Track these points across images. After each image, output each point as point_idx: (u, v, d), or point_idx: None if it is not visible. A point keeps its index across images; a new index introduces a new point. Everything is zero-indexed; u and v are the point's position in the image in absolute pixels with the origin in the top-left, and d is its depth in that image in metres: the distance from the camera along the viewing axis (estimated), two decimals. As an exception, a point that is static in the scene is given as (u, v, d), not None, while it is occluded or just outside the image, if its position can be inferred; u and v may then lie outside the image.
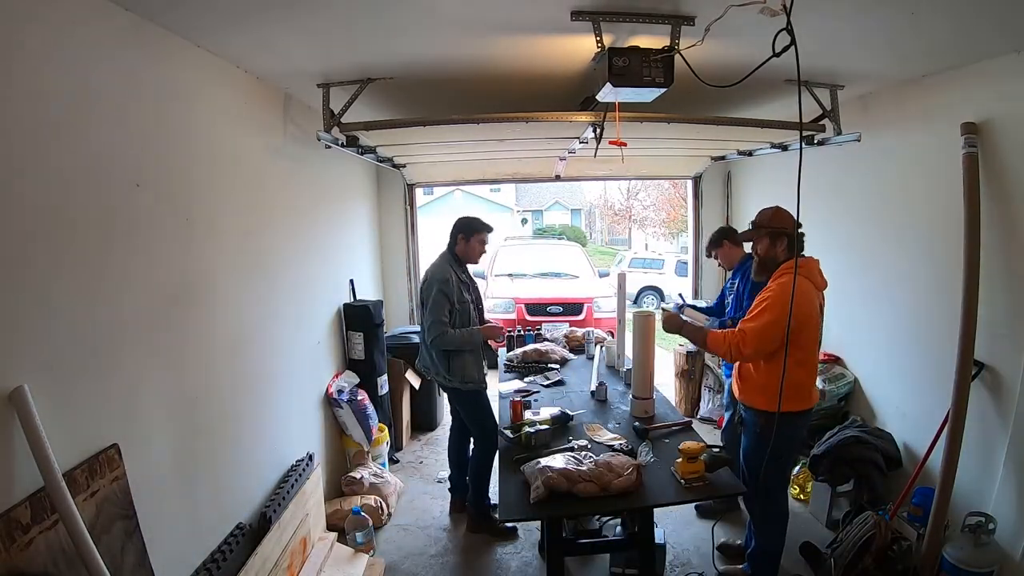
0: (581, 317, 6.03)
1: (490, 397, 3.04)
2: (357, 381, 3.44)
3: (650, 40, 1.94)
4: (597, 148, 3.05)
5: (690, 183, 5.30)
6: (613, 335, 3.95)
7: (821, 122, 2.86)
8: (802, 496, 3.18)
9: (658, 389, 2.84)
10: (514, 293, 6.42)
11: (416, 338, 4.27)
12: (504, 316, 6.08)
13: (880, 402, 3.11)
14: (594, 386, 2.97)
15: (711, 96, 2.59)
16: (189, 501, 1.84)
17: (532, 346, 3.66)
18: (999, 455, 2.26)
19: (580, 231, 25.61)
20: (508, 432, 2.41)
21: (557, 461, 2.00)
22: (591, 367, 3.44)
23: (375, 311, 3.66)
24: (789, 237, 2.23)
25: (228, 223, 2.18)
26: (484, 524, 3.01)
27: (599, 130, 2.85)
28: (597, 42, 1.91)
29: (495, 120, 2.59)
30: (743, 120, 2.85)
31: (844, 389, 3.26)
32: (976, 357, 2.31)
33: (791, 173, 1.45)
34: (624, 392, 2.98)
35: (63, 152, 1.37)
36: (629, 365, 3.10)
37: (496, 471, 2.45)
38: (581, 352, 3.83)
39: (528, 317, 5.99)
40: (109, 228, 1.52)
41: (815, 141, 2.97)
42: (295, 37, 1.96)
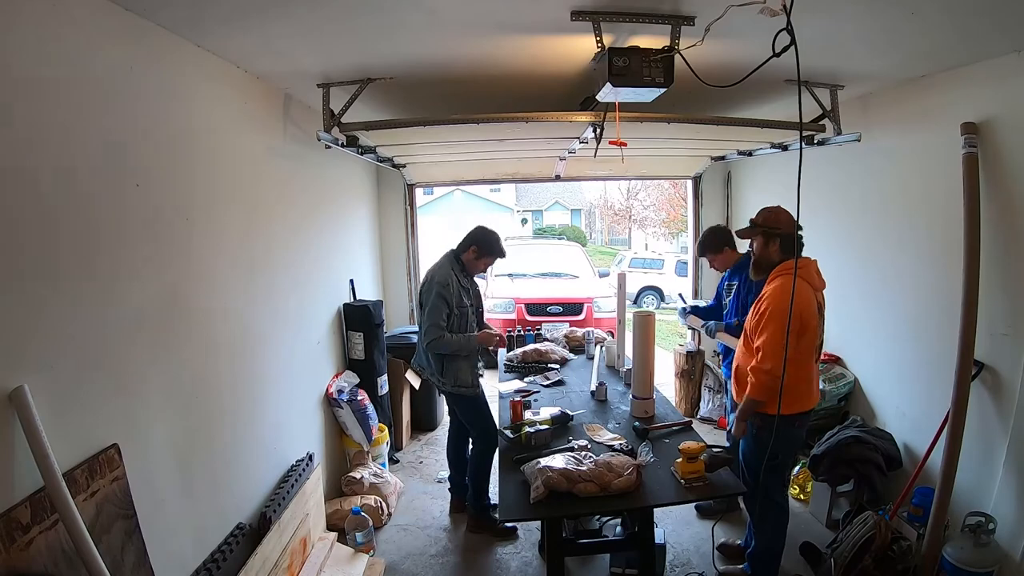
0: (581, 317, 6.03)
1: (488, 399, 3.04)
2: (357, 381, 3.44)
3: (650, 40, 1.94)
4: (597, 148, 3.05)
5: (690, 183, 5.30)
6: (613, 335, 3.96)
7: (821, 122, 2.86)
8: (802, 496, 3.18)
9: (658, 389, 2.85)
10: (514, 293, 6.43)
11: (416, 338, 4.27)
12: (504, 316, 6.09)
13: (880, 402, 3.11)
14: (594, 386, 2.97)
15: (711, 96, 2.59)
16: (189, 501, 1.84)
17: (532, 346, 3.67)
18: (999, 455, 2.26)
19: (580, 231, 25.61)
20: (508, 432, 2.41)
21: (557, 461, 2.00)
22: (591, 367, 3.44)
23: (375, 311, 3.66)
24: (782, 238, 2.23)
25: (228, 223, 2.18)
26: (484, 524, 3.01)
27: (599, 130, 2.85)
28: (597, 42, 1.91)
29: (495, 120, 2.59)
30: (743, 120, 2.85)
31: (844, 389, 3.26)
32: (976, 357, 2.31)
33: (791, 173, 1.45)
34: (624, 392, 2.98)
35: (62, 152, 1.37)
36: (629, 365, 3.10)
37: (496, 471, 2.45)
38: (581, 352, 3.83)
39: (528, 317, 6.00)
40: (109, 228, 1.52)
41: (815, 141, 2.97)
42: (295, 37, 1.96)
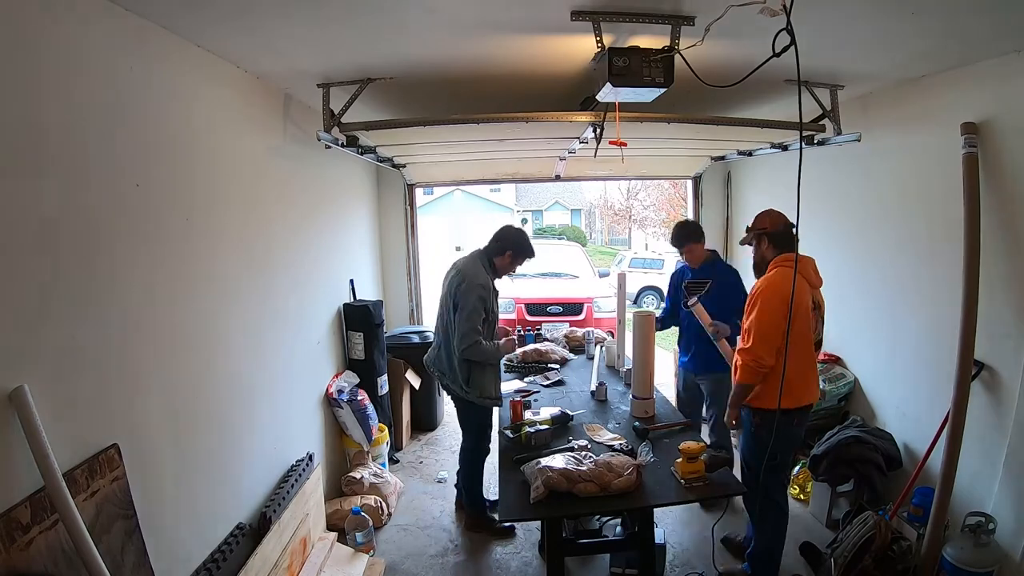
0: (581, 317, 6.03)
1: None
2: (357, 381, 3.44)
3: (650, 40, 1.94)
4: (597, 148, 3.05)
5: (690, 183, 5.30)
6: (613, 335, 3.96)
7: (821, 122, 2.86)
8: (802, 496, 3.18)
9: (658, 389, 2.85)
10: (514, 293, 6.42)
11: (416, 338, 4.28)
12: (504, 316, 6.08)
13: (880, 402, 3.11)
14: (594, 386, 2.97)
15: (711, 96, 2.59)
16: (189, 501, 1.84)
17: (532, 346, 3.67)
18: (999, 455, 2.26)
19: (580, 231, 25.62)
20: (508, 432, 2.41)
21: (557, 461, 2.00)
22: (591, 367, 3.45)
23: (375, 311, 3.66)
24: (770, 236, 2.38)
25: (228, 223, 2.18)
26: (482, 523, 3.01)
27: (599, 130, 2.85)
28: (597, 42, 1.91)
29: (495, 120, 2.59)
30: (743, 120, 2.85)
31: (844, 389, 3.26)
32: (976, 357, 2.31)
33: (791, 173, 1.45)
34: (624, 392, 2.98)
35: (63, 152, 1.37)
36: (629, 365, 3.10)
37: (496, 471, 2.45)
38: (581, 352, 3.83)
39: (528, 317, 6.00)
40: (109, 228, 1.52)
41: (815, 141, 2.97)
42: (295, 37, 1.96)
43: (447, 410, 4.53)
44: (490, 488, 3.30)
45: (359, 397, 3.33)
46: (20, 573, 1.14)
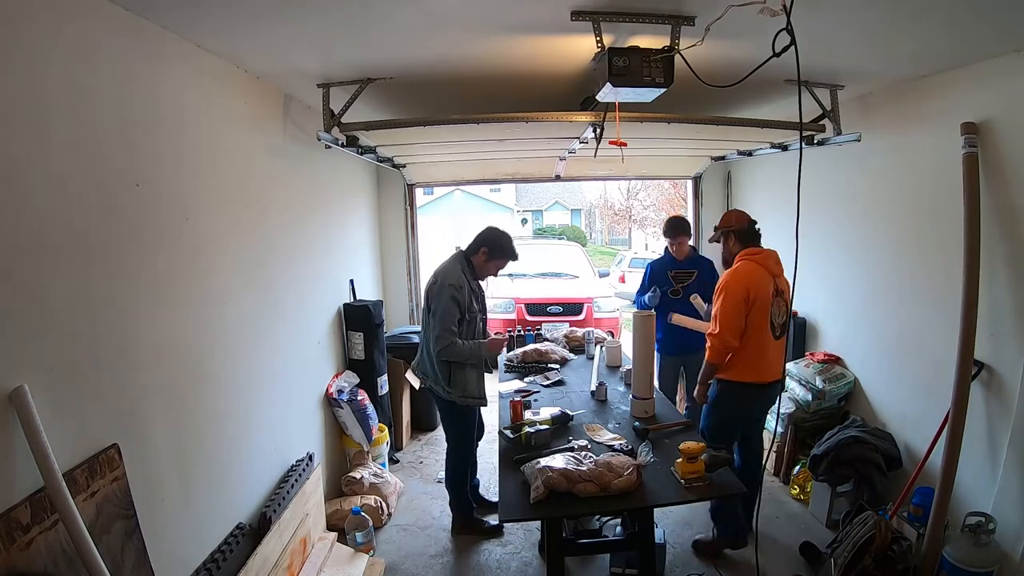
0: (581, 317, 6.03)
1: (482, 411, 3.01)
2: (357, 381, 3.44)
3: (650, 40, 1.94)
4: (597, 148, 3.05)
5: (690, 183, 5.30)
6: (613, 335, 3.96)
7: (821, 122, 2.86)
8: (802, 496, 3.18)
9: (658, 389, 2.85)
10: (514, 293, 6.42)
11: (416, 338, 4.27)
12: (504, 316, 6.08)
13: (880, 402, 3.11)
14: (594, 386, 2.97)
15: (711, 96, 2.59)
16: (189, 501, 1.84)
17: (532, 346, 3.66)
18: (999, 455, 2.26)
19: (580, 231, 25.62)
20: (508, 432, 2.41)
21: (557, 461, 1.99)
22: (591, 367, 3.44)
23: (375, 311, 3.66)
24: (735, 232, 2.67)
25: (228, 223, 2.18)
26: (470, 524, 3.01)
27: (599, 130, 2.85)
28: (597, 42, 1.91)
29: (495, 120, 2.59)
30: (743, 120, 2.85)
31: (844, 389, 3.26)
32: (976, 357, 2.31)
33: (791, 173, 1.46)
34: (624, 392, 2.98)
35: (63, 152, 1.37)
36: (629, 365, 3.10)
37: (496, 471, 2.45)
38: (581, 352, 3.83)
39: (528, 317, 6.00)
40: (109, 228, 1.52)
41: (815, 141, 2.97)
42: (295, 37, 1.96)
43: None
44: (490, 489, 3.30)
45: (359, 397, 3.33)
46: (20, 573, 1.14)
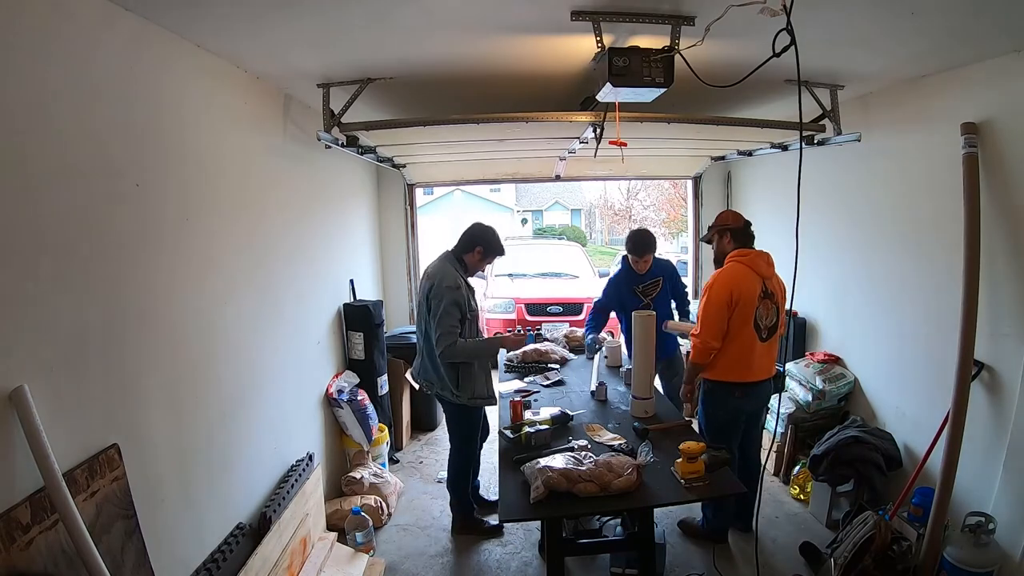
0: (581, 317, 6.02)
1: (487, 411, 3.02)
2: (357, 381, 3.44)
3: (650, 40, 1.94)
4: (597, 148, 3.05)
5: (690, 183, 5.30)
6: (613, 335, 3.96)
7: (821, 122, 2.86)
8: (802, 496, 3.18)
9: (658, 389, 2.84)
10: (514, 293, 6.42)
11: (416, 339, 4.26)
12: (504, 316, 6.09)
13: (880, 402, 3.11)
14: (594, 386, 2.97)
15: (711, 96, 2.59)
16: (189, 501, 1.84)
17: (532, 346, 3.66)
18: (999, 455, 2.26)
19: (580, 231, 25.60)
20: (508, 432, 2.41)
21: (557, 461, 1.99)
22: (591, 367, 3.44)
23: (375, 311, 3.66)
24: (731, 231, 2.65)
25: (227, 223, 2.18)
26: (470, 525, 3.01)
27: (599, 130, 2.85)
28: (597, 42, 1.91)
29: (495, 120, 2.59)
30: (743, 120, 2.85)
31: (844, 389, 3.26)
32: (976, 357, 2.31)
33: (791, 173, 1.46)
34: (624, 392, 2.98)
35: (62, 152, 1.37)
36: (629, 365, 3.09)
37: (496, 471, 2.45)
38: (581, 352, 3.82)
39: (528, 317, 6.00)
40: (109, 227, 1.52)
41: (815, 141, 2.97)
42: (295, 37, 1.96)
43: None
44: (490, 489, 3.30)
45: (359, 397, 3.33)
46: (20, 573, 1.14)
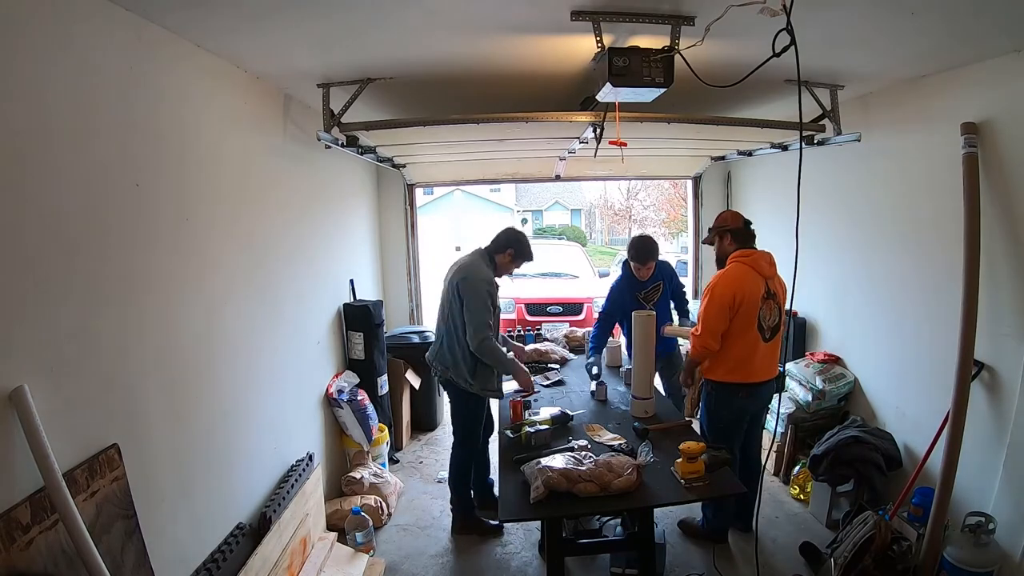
0: (581, 317, 6.03)
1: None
2: (357, 381, 3.44)
3: (650, 40, 1.94)
4: (597, 148, 3.05)
5: (690, 183, 5.30)
6: (613, 335, 3.96)
7: (821, 122, 2.86)
8: (802, 496, 3.18)
9: (658, 389, 2.85)
10: (514, 293, 6.42)
11: (416, 338, 4.27)
12: (504, 316, 6.08)
13: (880, 402, 3.11)
14: (594, 386, 2.97)
15: (711, 96, 2.59)
16: (189, 501, 1.84)
17: (532, 346, 3.66)
18: (999, 455, 2.26)
19: (580, 231, 25.62)
20: (508, 432, 2.41)
21: (557, 461, 2.00)
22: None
23: (375, 311, 3.66)
24: (731, 232, 2.65)
25: (227, 223, 2.18)
26: (470, 524, 3.01)
27: (599, 130, 2.85)
28: (597, 42, 1.91)
29: (495, 120, 2.59)
30: (743, 120, 2.85)
31: (844, 389, 3.26)
32: (976, 357, 2.31)
33: (791, 173, 1.46)
34: (624, 392, 2.98)
35: (63, 152, 1.37)
36: (629, 365, 3.09)
37: (496, 471, 2.45)
38: (581, 352, 3.82)
39: (528, 317, 6.00)
40: (109, 228, 1.52)
41: (815, 141, 2.97)
42: (295, 38, 1.96)
43: (447, 410, 4.51)
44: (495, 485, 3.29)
45: (359, 397, 3.33)
46: (20, 573, 1.14)
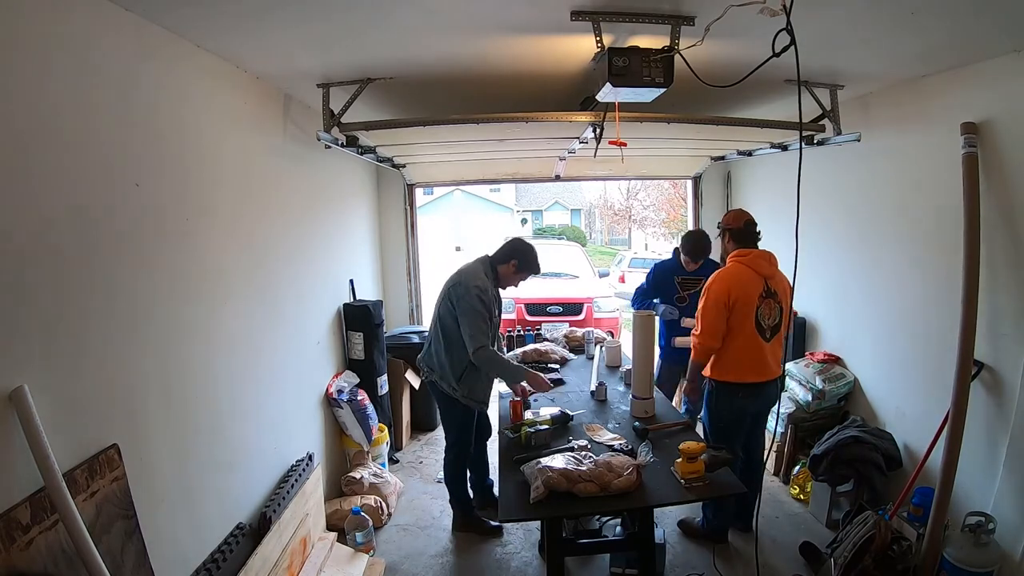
0: (581, 317, 6.02)
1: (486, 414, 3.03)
2: (357, 381, 3.44)
3: (650, 40, 1.94)
4: (597, 148, 3.05)
5: (690, 183, 5.30)
6: (613, 335, 3.96)
7: (821, 122, 2.86)
8: (802, 496, 3.18)
9: (658, 389, 2.84)
10: (514, 293, 6.38)
11: (416, 338, 4.28)
12: (504, 316, 6.06)
13: (880, 402, 3.11)
14: (594, 386, 2.97)
15: (711, 96, 2.59)
16: (189, 501, 1.84)
17: (532, 346, 3.66)
18: (999, 455, 2.26)
19: (580, 231, 25.64)
20: (508, 432, 2.41)
21: (557, 461, 1.99)
22: (591, 367, 3.44)
23: (375, 311, 3.66)
24: (730, 232, 2.70)
25: (227, 223, 2.18)
26: (469, 523, 3.01)
27: (599, 130, 2.85)
28: (597, 42, 1.91)
29: (495, 120, 2.59)
30: (743, 120, 2.85)
31: (844, 389, 3.26)
32: (976, 357, 2.31)
33: (791, 173, 1.46)
34: (624, 392, 2.98)
35: (63, 152, 1.37)
36: (629, 365, 3.09)
37: (496, 471, 2.45)
38: (581, 352, 3.82)
39: (528, 317, 6.00)
40: (109, 228, 1.52)
41: (815, 141, 2.97)
42: (295, 38, 1.96)
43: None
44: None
45: (359, 397, 3.33)
46: (20, 573, 1.14)
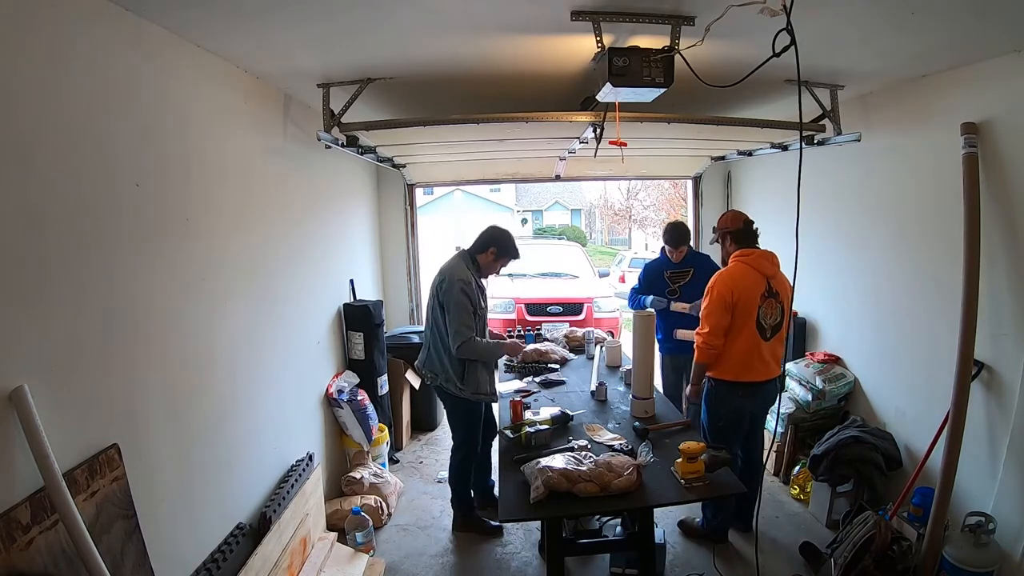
0: (581, 317, 6.02)
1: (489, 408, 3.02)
2: (357, 381, 3.44)
3: (650, 40, 1.94)
4: (597, 148, 3.05)
5: (690, 183, 5.30)
6: (613, 335, 3.96)
7: (821, 122, 2.86)
8: (802, 496, 3.18)
9: (658, 389, 2.85)
10: (514, 293, 6.41)
11: (416, 338, 4.27)
12: (504, 316, 6.07)
13: (880, 402, 3.11)
14: (594, 386, 2.97)
15: (711, 96, 2.59)
16: (189, 501, 1.84)
17: (532, 346, 3.66)
18: (999, 455, 2.26)
19: (580, 231, 25.64)
20: (508, 432, 2.41)
21: (557, 461, 1.99)
22: (591, 367, 3.44)
23: (375, 311, 3.66)
24: (730, 233, 2.71)
25: (228, 223, 2.18)
26: (470, 523, 3.01)
27: (599, 130, 2.85)
28: (597, 42, 1.91)
29: (495, 120, 2.59)
30: (743, 120, 2.85)
31: (844, 389, 3.26)
32: (976, 357, 2.31)
33: (791, 173, 1.46)
34: (624, 392, 2.98)
35: (64, 152, 1.37)
36: (629, 365, 3.10)
37: (496, 471, 2.45)
38: (581, 352, 3.83)
39: (528, 317, 5.99)
40: (109, 228, 1.52)
41: (815, 141, 2.97)
42: (295, 38, 1.96)
43: (447, 410, 4.53)
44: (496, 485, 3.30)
45: (359, 397, 3.33)
46: (20, 573, 1.14)
